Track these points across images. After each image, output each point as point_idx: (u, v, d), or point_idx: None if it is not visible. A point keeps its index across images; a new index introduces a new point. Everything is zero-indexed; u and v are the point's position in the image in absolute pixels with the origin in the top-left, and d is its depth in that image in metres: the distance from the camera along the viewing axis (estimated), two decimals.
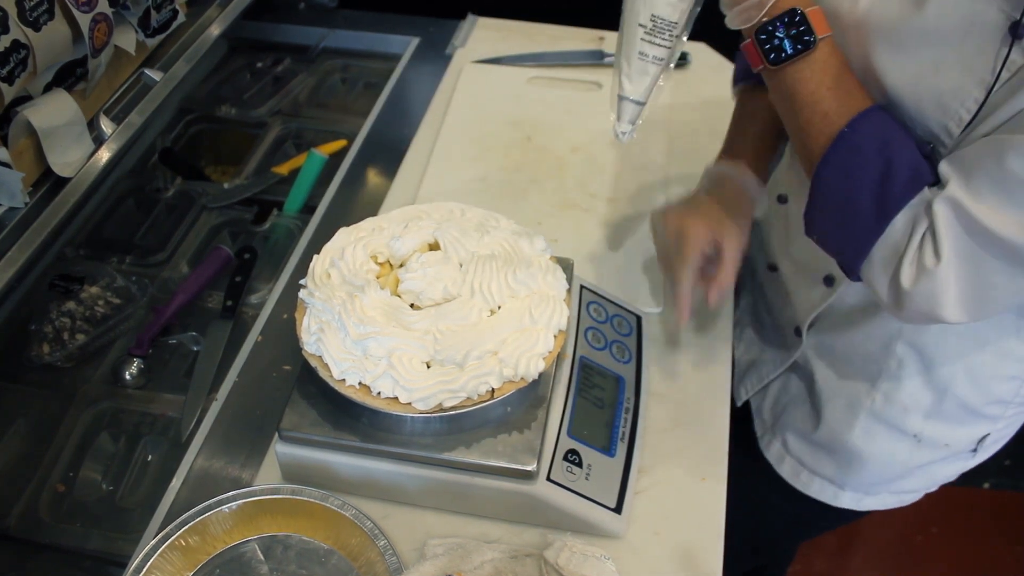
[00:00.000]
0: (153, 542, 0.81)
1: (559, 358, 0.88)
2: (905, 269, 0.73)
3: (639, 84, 0.80)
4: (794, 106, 0.79)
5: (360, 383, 0.80)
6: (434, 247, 0.90)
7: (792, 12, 0.74)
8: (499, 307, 0.85)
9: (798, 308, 1.02)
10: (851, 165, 0.75)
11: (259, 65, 1.62)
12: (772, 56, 0.76)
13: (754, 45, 0.77)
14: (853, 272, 0.79)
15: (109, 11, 1.05)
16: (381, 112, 1.43)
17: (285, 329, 1.07)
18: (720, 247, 0.92)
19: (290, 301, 1.08)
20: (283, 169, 1.39)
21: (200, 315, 1.17)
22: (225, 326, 1.14)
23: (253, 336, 1.07)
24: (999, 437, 1.01)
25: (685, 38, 0.80)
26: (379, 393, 0.79)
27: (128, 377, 1.09)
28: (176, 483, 0.92)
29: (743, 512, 0.95)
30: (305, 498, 0.84)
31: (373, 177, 1.32)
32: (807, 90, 0.77)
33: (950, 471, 1.04)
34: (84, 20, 1.00)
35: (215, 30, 1.33)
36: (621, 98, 0.81)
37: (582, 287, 0.99)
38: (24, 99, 0.99)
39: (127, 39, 1.15)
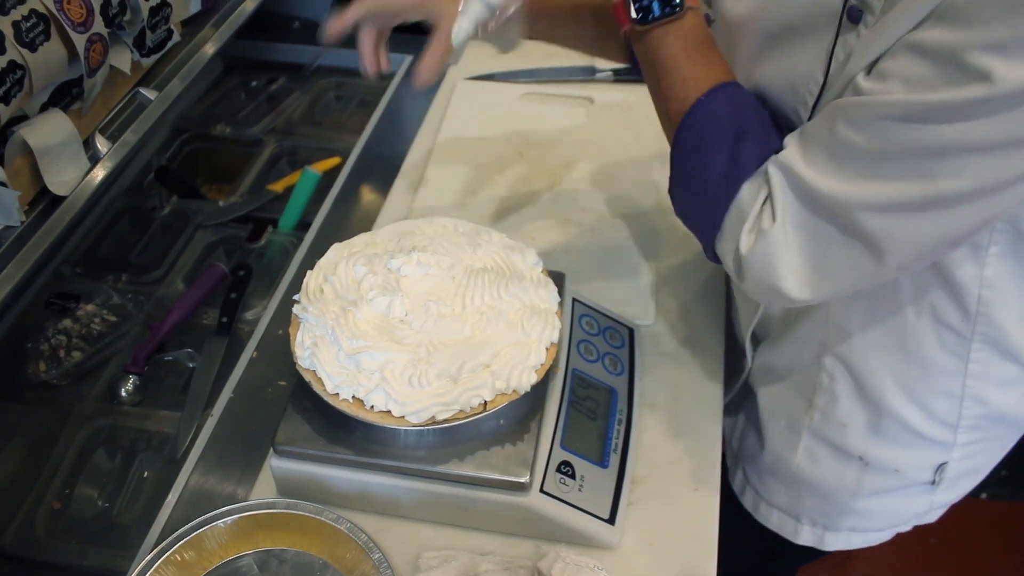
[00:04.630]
0: (148, 557, 0.81)
1: (551, 371, 0.88)
2: (744, 235, 0.73)
3: None
4: (656, 70, 0.80)
5: (353, 397, 0.80)
6: None
7: None
8: (491, 321, 0.85)
9: (741, 319, 1.02)
10: (705, 131, 0.76)
11: (254, 84, 1.64)
12: (640, 16, 0.78)
13: (622, 5, 0.78)
14: (709, 249, 0.79)
15: (104, 31, 1.06)
16: (375, 129, 1.44)
17: (280, 345, 1.07)
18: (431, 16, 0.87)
19: (285, 317, 1.09)
20: (278, 187, 1.40)
21: (196, 332, 1.17)
22: (220, 342, 1.14)
23: (248, 352, 1.07)
24: (962, 469, 0.95)
25: None
26: (372, 407, 0.80)
27: (124, 394, 1.09)
28: (172, 499, 0.92)
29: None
30: (300, 512, 0.84)
31: (367, 194, 1.33)
32: (670, 54, 0.78)
33: (913, 506, 0.99)
34: (80, 40, 1.01)
35: (210, 49, 1.34)
36: None
37: (574, 300, 1.00)
38: (20, 119, 1.00)
39: (122, 59, 1.16)
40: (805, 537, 1.04)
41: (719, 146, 0.75)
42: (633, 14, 0.78)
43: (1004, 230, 0.75)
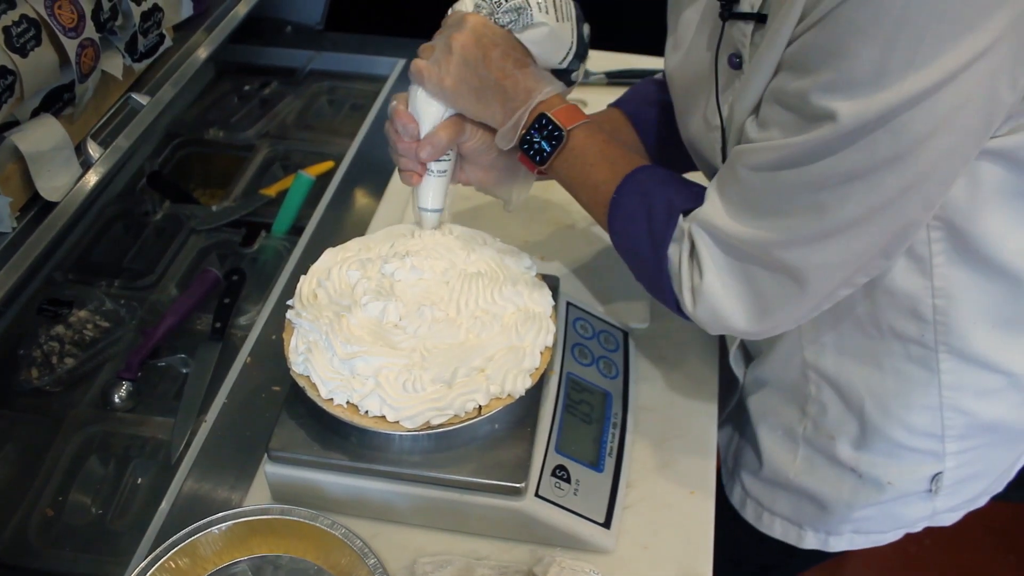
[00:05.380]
0: (142, 565, 0.81)
1: (546, 375, 0.88)
2: (685, 296, 0.79)
3: (430, 196, 0.92)
4: (573, 189, 0.89)
5: (348, 402, 0.80)
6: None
7: (540, 117, 0.85)
8: (485, 325, 0.85)
9: (727, 339, 1.03)
10: (625, 225, 0.83)
11: (246, 88, 1.63)
12: (538, 158, 0.86)
13: (523, 155, 0.87)
14: (680, 314, 0.83)
15: (96, 36, 1.06)
16: (368, 133, 1.44)
17: (274, 350, 1.07)
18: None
19: (279, 322, 1.09)
20: (271, 191, 1.40)
21: (189, 337, 1.17)
22: (214, 348, 1.14)
23: (242, 357, 1.07)
24: (961, 477, 0.94)
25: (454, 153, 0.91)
26: (367, 412, 0.79)
27: (117, 400, 1.09)
28: (166, 505, 0.92)
29: (720, 558, 0.93)
30: (295, 518, 0.84)
31: (360, 198, 1.33)
32: (575, 172, 0.86)
33: (914, 512, 0.98)
34: (71, 46, 1.01)
35: (202, 54, 1.34)
36: (420, 210, 0.93)
37: (568, 304, 1.00)
38: (11, 124, 1.00)
39: (114, 64, 1.15)
40: (809, 542, 1.04)
41: (640, 234, 0.82)
42: (532, 159, 0.87)
43: (941, 239, 0.77)
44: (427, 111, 0.86)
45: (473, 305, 0.86)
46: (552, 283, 0.95)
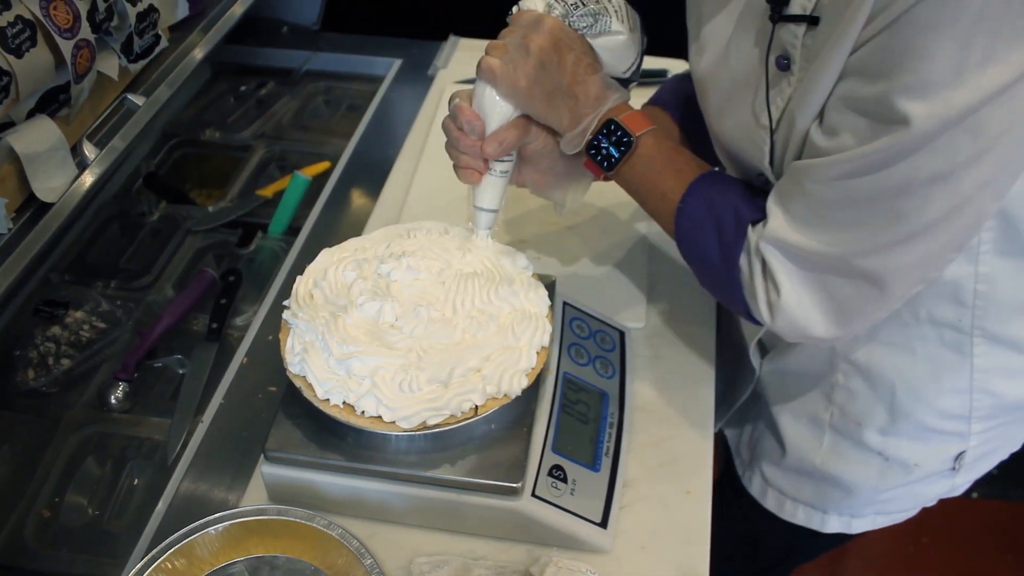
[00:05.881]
0: (139, 565, 0.81)
1: (542, 374, 0.88)
2: (763, 311, 0.79)
3: (488, 195, 0.90)
4: (639, 196, 0.89)
5: (344, 403, 0.80)
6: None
7: (609, 123, 0.85)
8: (482, 325, 0.85)
9: (745, 332, 1.03)
10: (693, 235, 0.84)
11: (242, 88, 1.63)
12: (605, 164, 0.86)
13: (590, 160, 0.87)
14: (751, 319, 0.83)
15: (92, 37, 1.06)
16: (364, 134, 1.44)
17: (270, 351, 1.07)
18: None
19: (275, 323, 1.09)
20: (267, 191, 1.40)
21: (185, 338, 1.17)
22: (210, 349, 1.14)
23: (238, 358, 1.07)
24: (980, 454, 0.97)
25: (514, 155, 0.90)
26: (363, 412, 0.79)
27: (114, 401, 1.09)
28: (162, 506, 0.92)
29: (738, 545, 0.94)
30: (291, 518, 0.84)
31: (357, 198, 1.32)
32: (643, 179, 0.87)
33: (936, 490, 1.02)
34: (67, 47, 1.01)
35: (198, 54, 1.33)
36: (477, 208, 0.91)
37: (565, 303, 1.00)
38: (7, 125, 1.00)
39: (110, 65, 1.15)
40: (832, 525, 1.06)
41: (709, 244, 0.82)
42: (599, 164, 0.87)
43: (993, 227, 0.78)
44: (494, 111, 0.84)
45: (469, 305, 0.86)
46: (548, 283, 0.95)
